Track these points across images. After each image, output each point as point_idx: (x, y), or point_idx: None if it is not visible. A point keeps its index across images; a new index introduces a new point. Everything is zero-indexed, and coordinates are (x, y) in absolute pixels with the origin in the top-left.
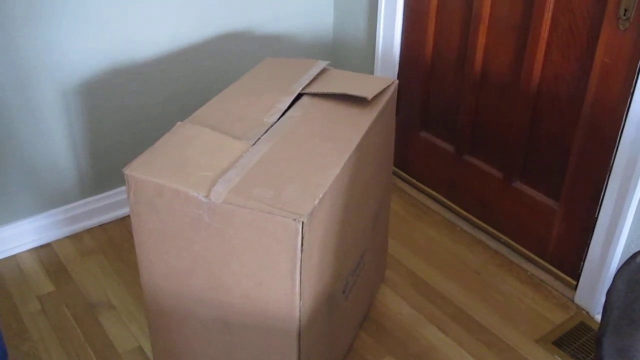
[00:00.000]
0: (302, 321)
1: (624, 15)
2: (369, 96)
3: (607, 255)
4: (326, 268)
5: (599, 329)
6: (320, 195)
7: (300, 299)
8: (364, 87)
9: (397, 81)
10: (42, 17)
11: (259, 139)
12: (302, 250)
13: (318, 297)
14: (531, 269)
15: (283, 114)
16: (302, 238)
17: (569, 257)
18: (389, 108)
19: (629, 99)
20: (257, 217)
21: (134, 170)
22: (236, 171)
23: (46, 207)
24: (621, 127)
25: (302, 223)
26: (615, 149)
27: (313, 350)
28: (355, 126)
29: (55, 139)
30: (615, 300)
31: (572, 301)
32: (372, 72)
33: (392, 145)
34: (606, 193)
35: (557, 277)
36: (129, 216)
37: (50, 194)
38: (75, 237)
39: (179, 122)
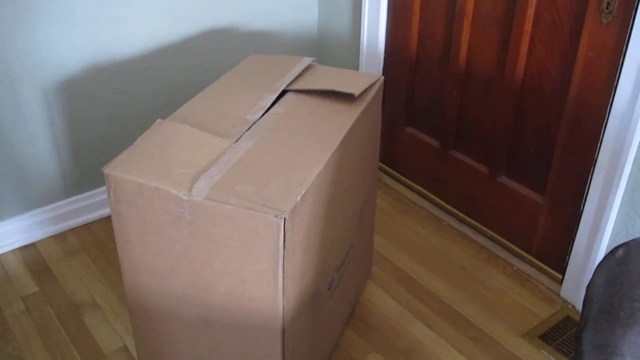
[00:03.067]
0: (286, 318)
1: (607, 8)
2: (356, 93)
3: (592, 248)
4: (310, 265)
5: (579, 324)
6: (303, 192)
7: (284, 296)
8: (349, 83)
9: (382, 77)
10: (23, 15)
11: (242, 136)
12: (284, 247)
13: (302, 294)
14: (517, 263)
15: (267, 110)
16: (284, 234)
17: (555, 251)
18: (374, 104)
19: (612, 92)
20: (239, 214)
21: (114, 169)
22: (218, 168)
23: (30, 207)
24: (605, 121)
25: (284, 219)
26: (599, 143)
27: (298, 347)
28: (339, 123)
29: (38, 138)
30: (594, 295)
31: (558, 295)
32: (357, 68)
33: (377, 142)
34: (591, 187)
35: (542, 271)
36: None
37: (34, 194)
38: (59, 237)
39: (159, 120)
